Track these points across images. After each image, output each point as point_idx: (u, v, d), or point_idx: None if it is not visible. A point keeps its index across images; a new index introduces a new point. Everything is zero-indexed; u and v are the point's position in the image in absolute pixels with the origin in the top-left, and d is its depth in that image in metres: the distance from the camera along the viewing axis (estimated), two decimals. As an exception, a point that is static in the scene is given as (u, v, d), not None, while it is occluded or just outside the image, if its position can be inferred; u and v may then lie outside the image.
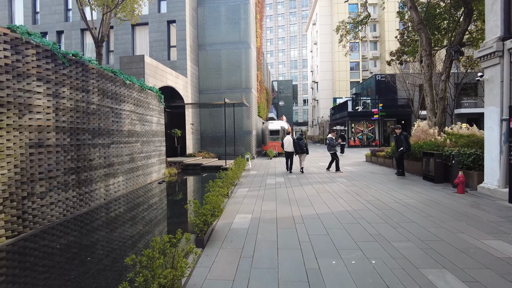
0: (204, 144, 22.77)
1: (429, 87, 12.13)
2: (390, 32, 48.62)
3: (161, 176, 13.14)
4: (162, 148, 13.62)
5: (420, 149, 11.13)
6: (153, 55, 20.69)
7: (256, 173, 13.41)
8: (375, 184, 9.91)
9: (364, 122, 33.10)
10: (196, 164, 16.23)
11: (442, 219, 5.76)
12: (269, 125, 24.39)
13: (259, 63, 26.36)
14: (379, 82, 33.75)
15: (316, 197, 7.95)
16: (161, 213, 7.54)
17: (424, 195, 7.97)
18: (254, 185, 10.15)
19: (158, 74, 16.01)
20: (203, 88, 22.62)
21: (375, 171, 13.27)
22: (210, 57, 22.67)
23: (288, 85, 67.59)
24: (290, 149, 13.46)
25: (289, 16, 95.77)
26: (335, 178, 11.29)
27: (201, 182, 12.94)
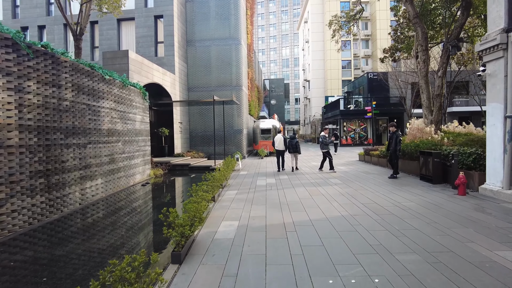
0: (194, 143, 22.09)
1: (425, 84, 11.69)
2: (382, 30, 48.47)
3: (145, 178, 12.46)
4: (147, 148, 12.94)
5: (417, 148, 10.68)
6: (140, 51, 19.92)
7: (246, 174, 12.83)
8: (371, 185, 9.41)
9: (356, 121, 32.76)
10: (183, 164, 15.57)
11: (446, 225, 5.26)
12: (260, 123, 23.82)
13: (250, 60, 25.76)
14: (371, 80, 33.44)
15: (309, 201, 7.39)
16: (141, 220, 6.90)
17: (423, 197, 7.48)
18: (244, 187, 9.56)
19: (143, 70, 15.29)
20: (192, 85, 21.92)
21: (369, 171, 12.80)
22: (199, 54, 21.98)
23: (279, 83, 67.17)
24: (280, 148, 13.50)
25: (281, 15, 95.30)
26: (328, 179, 10.77)
27: (188, 183, 12.31)
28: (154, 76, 16.57)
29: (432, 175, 9.23)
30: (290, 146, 13.10)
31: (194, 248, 4.44)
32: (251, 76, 25.49)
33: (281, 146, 13.42)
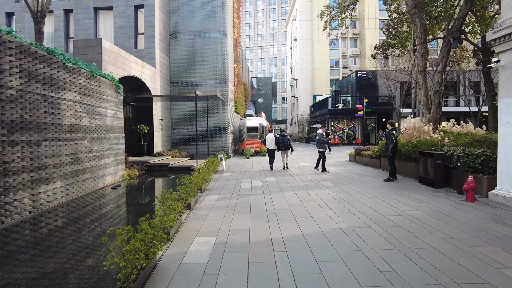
0: (176, 141, 20.86)
1: (423, 79, 10.90)
2: (370, 29, 48.15)
3: (118, 179, 11.24)
4: (121, 146, 11.72)
5: (415, 148, 9.85)
6: (118, 42, 18.56)
7: (230, 175, 11.78)
8: (367, 189, 8.51)
9: (344, 120, 32.12)
10: (162, 164, 14.39)
11: (467, 241, 4.35)
12: (246, 121, 22.78)
13: (236, 55, 24.67)
14: (360, 79, 32.86)
15: (300, 208, 6.41)
16: (100, 232, 5.77)
17: (428, 204, 6.60)
18: (226, 191, 8.51)
19: (119, 61, 14.03)
20: (175, 80, 20.69)
21: (362, 172, 11.95)
22: (183, 47, 20.76)
23: (267, 82, 66.30)
24: (272, 147, 13.51)
25: (269, 13, 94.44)
26: (320, 182, 9.83)
27: (165, 185, 11.17)
28: (131, 69, 15.31)
29: (433, 179, 8.40)
30: (282, 144, 13.05)
31: (153, 280, 3.37)
32: (237, 72, 24.41)
33: (272, 145, 13.43)
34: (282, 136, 13.34)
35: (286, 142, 13.12)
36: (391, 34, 17.65)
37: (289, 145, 13.25)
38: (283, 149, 13.22)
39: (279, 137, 13.29)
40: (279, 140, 13.19)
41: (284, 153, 13.48)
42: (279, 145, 13.24)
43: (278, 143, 13.24)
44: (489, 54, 15.26)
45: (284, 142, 13.10)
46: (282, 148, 13.21)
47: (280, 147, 13.21)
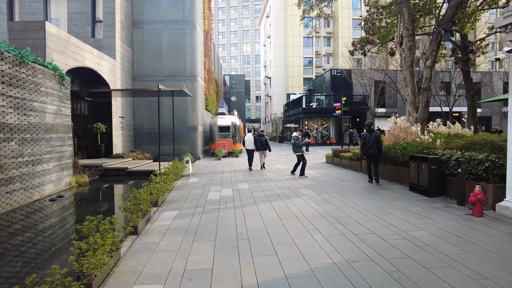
0: (139, 142, 19.01)
1: (410, 75, 9.98)
2: (344, 28, 48.02)
3: (62, 188, 9.45)
4: (66, 148, 9.91)
5: (404, 151, 8.86)
6: (73, 30, 16.45)
7: (197, 181, 10.30)
8: (353, 198, 7.37)
9: (318, 119, 31.40)
10: (120, 168, 12.63)
11: (507, 283, 3.23)
12: (218, 120, 21.27)
13: (207, 49, 23.08)
14: (335, 78, 32.26)
15: (280, 230, 5.10)
16: (9, 270, 4.17)
17: (430, 220, 5.52)
18: (189, 204, 7.06)
19: (69, 50, 12.15)
20: (139, 74, 18.81)
21: (343, 177, 10.88)
22: (148, 38, 18.91)
23: (240, 80, 64.80)
24: (251, 147, 13.37)
25: (242, 10, 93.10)
26: (299, 189, 8.60)
27: (118, 195, 9.50)
28: (85, 59, 13.42)
29: (427, 186, 7.39)
30: (259, 144, 12.88)
31: None
32: (208, 67, 22.83)
33: (251, 145, 13.34)
34: (259, 136, 13.16)
35: (263, 141, 12.94)
36: (370, 29, 16.84)
37: (266, 144, 13.03)
38: (261, 149, 13.04)
39: (257, 137, 13.13)
40: (256, 140, 13.02)
41: (261, 153, 13.31)
42: (256, 145, 13.05)
43: (255, 142, 13.05)
44: (468, 53, 14.75)
45: (261, 141, 12.91)
46: (259, 148, 13.00)
47: (258, 146, 13.01)
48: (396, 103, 32.65)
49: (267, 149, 13.23)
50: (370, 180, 9.57)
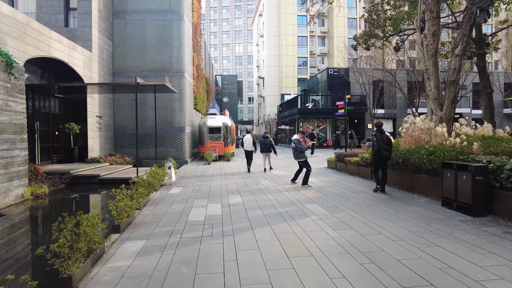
0: (120, 144, 17.14)
1: (434, 66, 8.40)
2: (339, 27, 46.77)
3: (10, 202, 7.60)
4: (17, 152, 8.07)
5: (431, 156, 7.25)
6: (43, 18, 14.59)
7: (179, 193, 8.55)
8: (376, 217, 5.73)
9: (315, 121, 29.86)
10: (91, 175, 10.78)
11: None
12: (208, 120, 19.49)
13: (196, 43, 21.32)
14: (332, 77, 30.77)
15: (289, 279, 3.40)
16: None
17: (499, 257, 3.89)
18: (162, 229, 5.31)
19: (30, 36, 10.31)
20: (120, 69, 16.97)
21: (353, 186, 9.24)
22: (130, 30, 17.10)
23: (232, 80, 63.04)
24: (249, 148, 13.20)
25: (234, 10, 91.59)
26: (304, 204, 6.92)
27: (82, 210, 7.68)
28: (52, 49, 11.57)
29: (471, 202, 5.77)
30: (263, 146, 12.54)
31: None
32: (197, 63, 21.07)
33: (250, 146, 13.15)
34: (264, 138, 12.74)
35: (268, 144, 12.54)
36: (375, 22, 15.33)
37: (271, 147, 12.63)
38: (265, 151, 12.64)
39: (262, 139, 12.73)
40: (261, 142, 12.67)
41: (266, 155, 12.89)
42: (260, 147, 12.68)
43: (260, 145, 12.73)
44: (483, 46, 13.31)
45: (266, 144, 12.53)
46: (263, 150, 12.62)
47: (262, 149, 12.65)
48: (395, 104, 31.32)
49: (272, 151, 12.78)
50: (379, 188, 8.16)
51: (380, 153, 7.87)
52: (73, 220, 3.67)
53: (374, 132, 8.09)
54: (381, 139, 7.89)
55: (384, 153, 7.94)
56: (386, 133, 8.06)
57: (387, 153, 8.01)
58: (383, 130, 8.01)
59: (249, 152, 13.19)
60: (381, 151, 7.87)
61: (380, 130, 7.99)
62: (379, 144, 7.88)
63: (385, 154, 7.99)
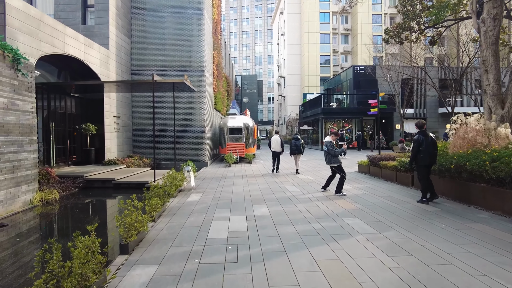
0: (139, 145, 16.59)
1: (494, 56, 7.17)
2: (363, 24, 45.03)
3: (16, 209, 6.99)
4: (26, 155, 7.47)
5: (496, 163, 6.05)
6: (61, 16, 14.21)
7: (199, 200, 7.70)
8: (437, 239, 4.64)
9: (339, 121, 28.52)
10: (106, 179, 10.13)
11: None
12: (228, 121, 18.68)
13: (216, 41, 20.58)
14: (358, 75, 29.34)
15: None
16: None
17: None
18: (178, 250, 4.44)
19: (43, 32, 9.78)
20: (138, 67, 16.42)
21: (394, 195, 8.12)
22: (149, 27, 16.53)
23: (252, 80, 62.29)
24: (277, 149, 13.00)
25: (254, 9, 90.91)
26: (342, 218, 5.89)
27: (94, 221, 6.94)
28: (67, 46, 11.04)
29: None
30: (294, 148, 12.26)
31: None
32: (217, 61, 20.31)
33: (278, 147, 12.95)
34: (296, 139, 12.48)
35: (299, 145, 12.26)
36: (410, 13, 14.02)
37: (301, 148, 12.36)
38: (296, 152, 12.32)
39: (293, 141, 12.47)
40: (291, 144, 12.42)
41: (296, 157, 12.54)
42: (291, 149, 12.38)
43: (290, 146, 12.44)
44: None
45: (297, 145, 12.25)
46: (295, 151, 12.32)
47: (293, 150, 12.34)
48: (425, 103, 29.49)
49: (302, 153, 12.54)
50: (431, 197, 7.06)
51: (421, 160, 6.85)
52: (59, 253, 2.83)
53: (416, 134, 7.01)
54: (424, 142, 6.82)
55: (430, 159, 6.92)
56: (431, 135, 6.97)
57: (431, 160, 6.97)
58: (426, 132, 6.91)
59: (276, 153, 12.97)
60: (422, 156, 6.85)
61: (423, 132, 6.91)
62: (427, 148, 6.80)
63: (431, 160, 6.96)
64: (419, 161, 6.98)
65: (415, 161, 7.08)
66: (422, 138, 6.90)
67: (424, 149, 6.87)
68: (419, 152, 6.95)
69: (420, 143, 6.90)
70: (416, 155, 6.96)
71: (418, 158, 7.01)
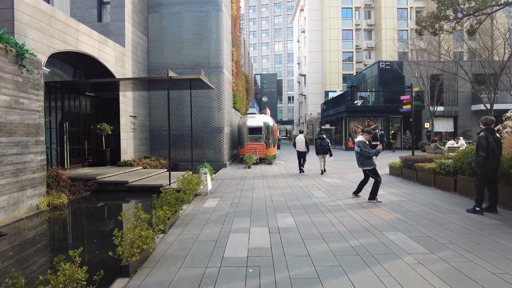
0: (157, 146, 16.13)
1: None
2: (387, 19, 43.16)
3: (20, 216, 6.49)
4: (31, 157, 6.97)
5: None
6: (77, 14, 13.90)
7: (216, 207, 6.96)
8: (509, 264, 3.68)
9: (364, 119, 27.20)
10: (119, 182, 9.58)
11: None
12: (248, 120, 17.93)
13: (235, 38, 19.88)
14: (383, 71, 27.90)
15: None
16: None
17: None
18: (189, 272, 3.69)
19: (54, 28, 9.36)
20: (155, 66, 15.96)
21: (436, 202, 7.09)
22: (167, 23, 16.03)
23: (272, 79, 61.44)
24: (302, 149, 12.70)
25: (274, 8, 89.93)
26: (383, 233, 4.97)
27: (102, 231, 6.33)
28: (80, 43, 10.61)
29: None
30: (320, 148, 12.07)
31: None
32: (236, 58, 19.62)
33: (302, 147, 12.66)
34: (321, 139, 12.28)
35: (325, 145, 12.06)
36: (446, 0, 12.77)
37: (328, 149, 12.10)
38: (322, 152, 12.15)
39: (318, 140, 12.32)
40: (317, 144, 12.23)
41: (322, 157, 12.39)
42: (317, 149, 12.19)
43: (316, 146, 12.29)
44: None
45: (323, 145, 12.07)
46: (320, 151, 12.13)
47: (319, 150, 12.15)
48: (457, 100, 27.67)
49: (328, 154, 12.18)
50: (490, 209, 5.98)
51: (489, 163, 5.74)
52: None
53: (482, 132, 5.90)
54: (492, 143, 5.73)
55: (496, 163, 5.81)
56: (497, 134, 5.87)
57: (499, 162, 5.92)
58: (494, 130, 5.82)
59: (301, 153, 12.68)
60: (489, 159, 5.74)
61: (490, 130, 5.82)
62: (493, 150, 5.71)
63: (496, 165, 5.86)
64: (487, 164, 5.83)
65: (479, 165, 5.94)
66: (489, 136, 5.81)
67: (493, 150, 5.78)
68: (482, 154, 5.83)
69: (489, 142, 5.79)
70: (488, 156, 5.79)
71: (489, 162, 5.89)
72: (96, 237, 5.81)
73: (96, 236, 5.88)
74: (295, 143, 13.05)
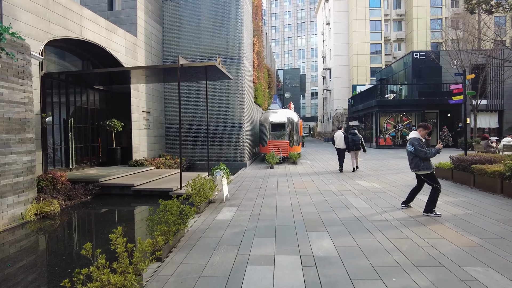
0: (173, 143, 15.05)
1: None
2: (419, 8, 40.36)
3: (2, 226, 5.42)
4: (14, 158, 5.90)
5: None
6: (87, 3, 12.97)
7: (231, 220, 5.62)
8: None
9: (397, 115, 25.09)
10: (124, 185, 8.43)
11: None
12: (270, 115, 16.50)
13: (256, 27, 18.46)
14: (418, 62, 25.63)
15: None
16: None
17: None
18: None
19: (52, 11, 8.34)
20: (171, 57, 14.82)
21: (507, 215, 5.44)
22: (183, 12, 14.85)
23: (295, 74, 59.51)
24: (341, 146, 11.94)
25: (296, 1, 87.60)
26: (463, 268, 3.45)
27: (102, 244, 5.14)
28: (83, 29, 9.57)
29: None
30: (352, 143, 11.65)
31: None
32: (257, 49, 18.19)
33: (341, 144, 11.93)
34: (353, 134, 11.84)
35: (357, 141, 11.67)
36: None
37: (360, 144, 11.69)
38: (354, 148, 11.76)
39: (350, 136, 11.81)
40: (349, 139, 11.68)
41: (354, 153, 11.94)
42: (348, 144, 11.64)
43: (347, 142, 11.65)
44: None
45: (355, 141, 11.67)
46: (352, 147, 11.72)
47: (351, 146, 11.69)
48: (502, 93, 24.95)
49: (361, 149, 11.78)
50: None
51: None
52: None
53: None
54: None
55: None
56: None
57: None
58: None
59: (341, 150, 11.99)
60: None
61: None
62: None
63: None
64: None
65: None
66: None
67: None
68: None
69: None
70: None
71: None
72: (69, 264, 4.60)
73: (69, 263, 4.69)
74: (333, 139, 12.31)
